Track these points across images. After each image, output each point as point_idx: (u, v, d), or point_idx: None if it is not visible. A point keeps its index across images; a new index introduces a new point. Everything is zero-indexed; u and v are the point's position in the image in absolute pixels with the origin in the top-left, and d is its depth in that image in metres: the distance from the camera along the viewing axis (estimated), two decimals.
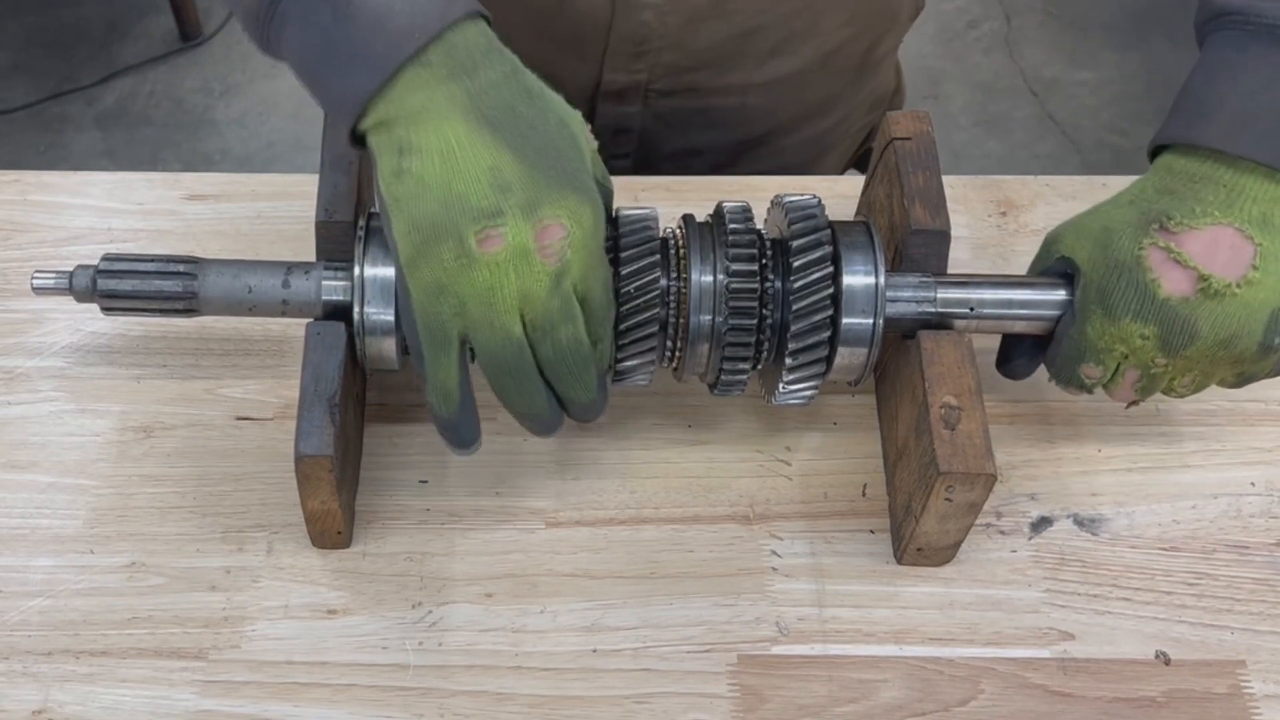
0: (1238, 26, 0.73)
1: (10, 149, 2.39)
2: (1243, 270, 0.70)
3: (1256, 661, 0.75)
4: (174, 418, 0.82)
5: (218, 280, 0.75)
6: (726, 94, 1.02)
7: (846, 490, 0.81)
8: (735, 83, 1.01)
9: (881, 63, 1.09)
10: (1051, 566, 0.78)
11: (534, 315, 0.66)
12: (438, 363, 0.67)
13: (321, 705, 0.72)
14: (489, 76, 0.66)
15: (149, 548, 0.77)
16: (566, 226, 0.65)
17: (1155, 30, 2.63)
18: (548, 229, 0.65)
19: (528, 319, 0.66)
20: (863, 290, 0.73)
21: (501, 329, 0.66)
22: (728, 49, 0.98)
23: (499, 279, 0.64)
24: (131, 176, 0.94)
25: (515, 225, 0.64)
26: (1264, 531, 0.79)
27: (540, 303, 0.65)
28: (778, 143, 1.07)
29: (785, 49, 1.00)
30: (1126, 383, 0.74)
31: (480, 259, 0.64)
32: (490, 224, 0.64)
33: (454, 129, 0.65)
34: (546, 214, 0.65)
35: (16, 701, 0.71)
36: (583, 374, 0.69)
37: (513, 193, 0.64)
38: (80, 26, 2.58)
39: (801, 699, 0.73)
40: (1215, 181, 0.71)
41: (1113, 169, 1.96)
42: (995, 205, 0.94)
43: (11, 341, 0.85)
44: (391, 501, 0.79)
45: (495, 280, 0.64)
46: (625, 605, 0.76)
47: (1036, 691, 0.73)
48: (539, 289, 0.65)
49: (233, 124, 2.45)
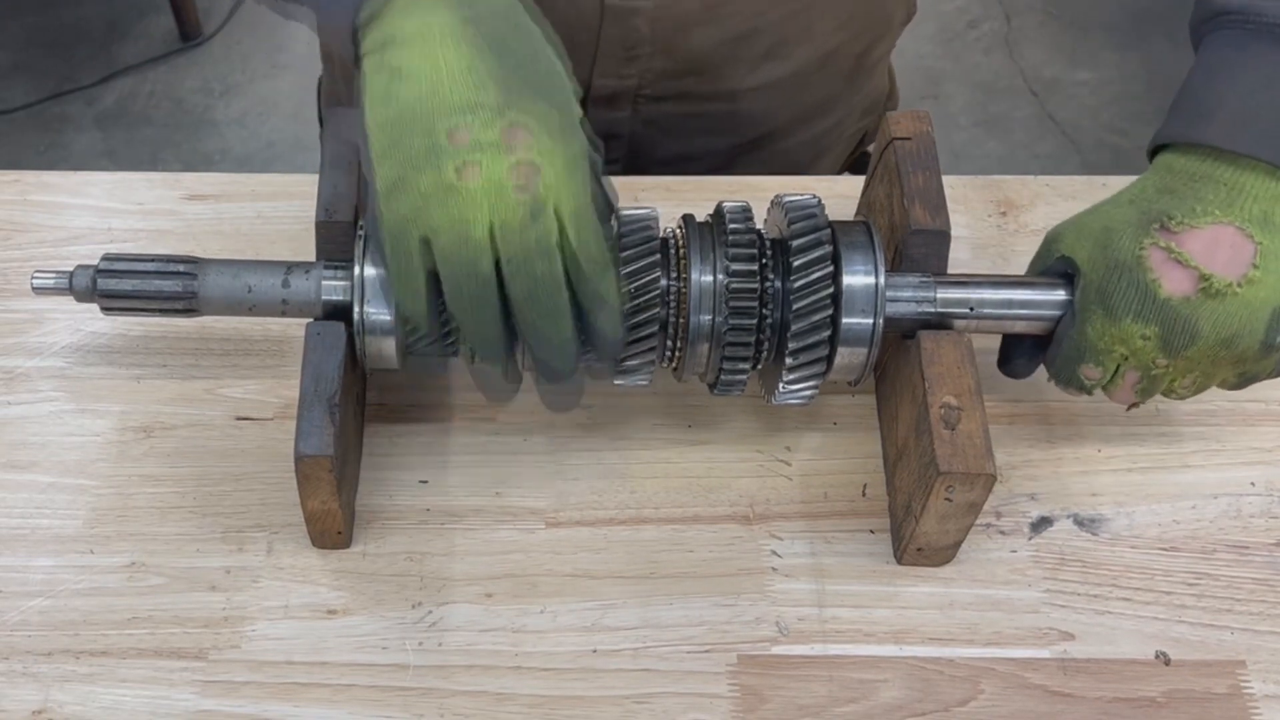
0: (1237, 26, 0.73)
1: (10, 149, 2.39)
2: (1243, 269, 0.70)
3: (1256, 661, 0.75)
4: (174, 418, 0.82)
5: (218, 280, 0.75)
6: (718, 99, 1.01)
7: (846, 490, 0.81)
8: (727, 88, 1.01)
9: (875, 67, 1.08)
10: (1051, 566, 0.78)
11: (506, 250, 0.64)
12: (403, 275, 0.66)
13: (321, 705, 0.72)
14: (488, 5, 0.67)
15: (149, 548, 0.77)
16: (533, 132, 0.64)
17: (1155, 30, 2.63)
18: (515, 131, 0.64)
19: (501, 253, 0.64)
20: (863, 290, 0.73)
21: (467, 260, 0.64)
22: (720, 54, 0.98)
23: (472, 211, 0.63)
24: (131, 176, 0.94)
25: (489, 159, 0.63)
26: (1264, 531, 0.79)
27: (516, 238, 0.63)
28: (770, 148, 1.07)
29: (778, 54, 1.00)
30: (1126, 384, 0.74)
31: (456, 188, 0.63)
32: (470, 157, 0.63)
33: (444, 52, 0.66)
34: (524, 150, 0.64)
35: (16, 701, 0.71)
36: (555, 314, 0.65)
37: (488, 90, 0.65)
38: (80, 26, 2.58)
39: (801, 699, 0.73)
40: (1215, 180, 0.71)
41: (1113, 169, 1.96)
42: (995, 205, 0.94)
43: (11, 341, 0.85)
44: (391, 501, 0.79)
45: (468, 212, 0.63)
46: (625, 605, 0.76)
47: (1036, 691, 0.73)
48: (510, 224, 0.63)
49: (233, 124, 2.46)
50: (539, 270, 0.64)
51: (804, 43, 1.00)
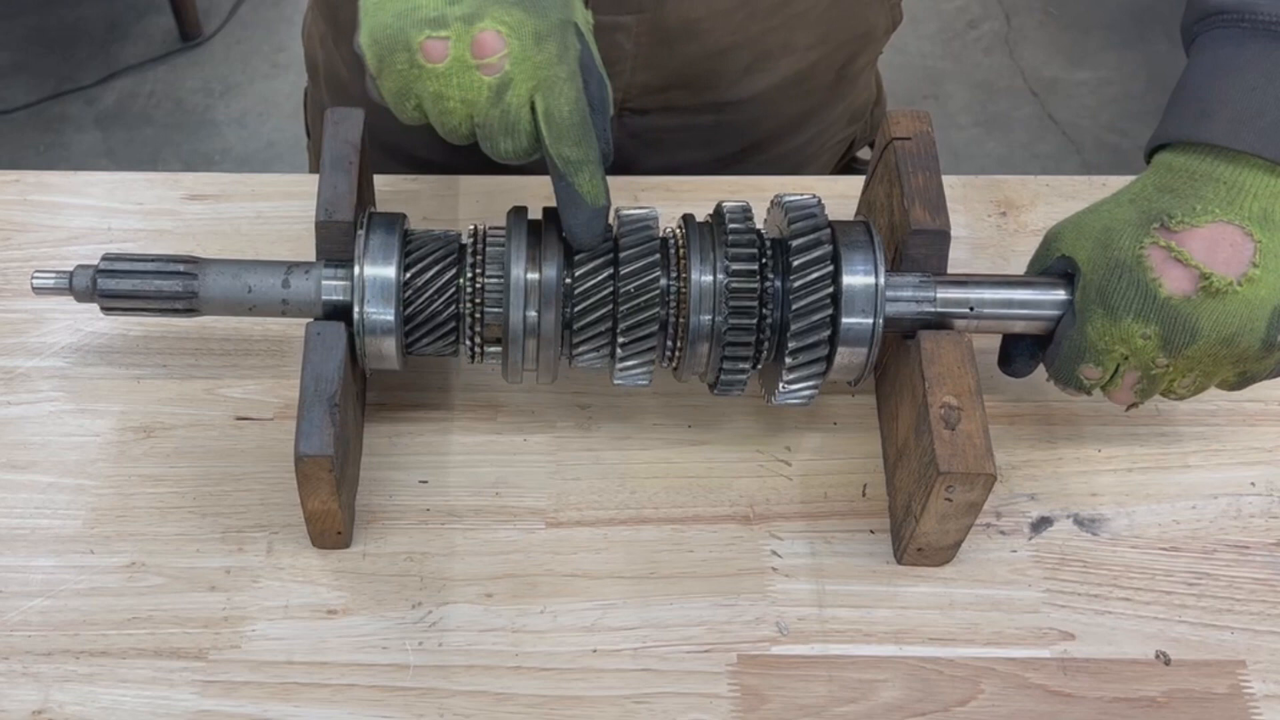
0: (1233, 25, 0.73)
1: (10, 149, 2.39)
2: (1243, 268, 0.70)
3: (1256, 661, 0.75)
4: (174, 418, 0.82)
5: (218, 280, 0.75)
6: (703, 112, 1.02)
7: (846, 490, 0.81)
8: (710, 101, 1.01)
9: (859, 76, 1.09)
10: (1051, 566, 0.78)
11: (478, 123, 0.69)
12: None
13: (321, 705, 0.72)
14: None
15: (149, 548, 0.77)
16: (505, 38, 0.67)
17: (1155, 30, 2.63)
18: (482, 39, 0.67)
19: (475, 125, 0.70)
20: (863, 290, 0.73)
21: (452, 127, 0.70)
22: (702, 68, 0.98)
23: (444, 87, 0.68)
24: (131, 176, 0.94)
25: (457, 34, 0.67)
26: (1264, 531, 0.79)
27: (482, 112, 0.68)
28: (756, 158, 1.07)
29: (759, 67, 1.00)
30: (1126, 384, 0.74)
31: (426, 69, 0.68)
32: (434, 33, 0.67)
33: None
34: (487, 24, 0.67)
35: (16, 701, 0.71)
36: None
37: (460, 4, 0.67)
38: (80, 26, 2.58)
39: (801, 699, 0.73)
40: (1215, 178, 0.71)
41: (1113, 169, 1.96)
42: (995, 205, 0.94)
43: (11, 341, 0.85)
44: (391, 501, 0.79)
45: (441, 89, 0.68)
46: (625, 605, 0.76)
47: (1036, 691, 0.73)
48: (480, 99, 0.68)
49: (233, 124, 2.45)
50: (504, 147, 0.70)
51: (784, 56, 1.00)
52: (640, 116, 1.01)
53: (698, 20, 0.94)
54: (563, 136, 0.69)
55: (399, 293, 0.73)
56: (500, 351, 0.74)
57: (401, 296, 0.73)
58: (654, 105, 1.00)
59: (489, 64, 0.67)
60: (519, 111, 0.68)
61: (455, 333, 0.74)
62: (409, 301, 0.73)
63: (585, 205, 0.70)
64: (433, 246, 0.74)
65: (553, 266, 0.72)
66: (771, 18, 0.96)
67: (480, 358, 0.75)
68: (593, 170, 0.70)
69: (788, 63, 1.01)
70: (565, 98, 0.68)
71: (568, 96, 0.68)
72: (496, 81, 0.68)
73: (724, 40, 0.97)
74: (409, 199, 0.92)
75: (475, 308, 0.73)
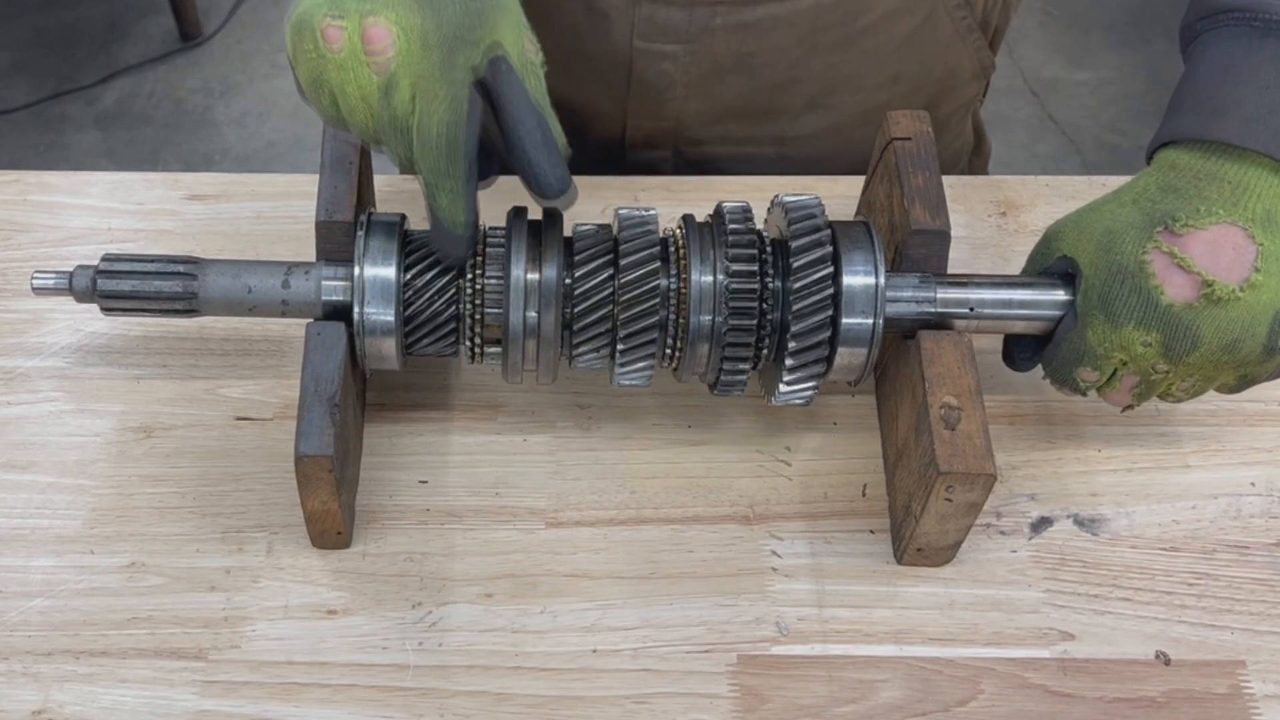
0: (1242, 23, 0.73)
1: (10, 149, 2.39)
2: (1245, 273, 0.70)
3: (1256, 661, 0.75)
4: (174, 418, 0.82)
5: (218, 280, 0.75)
6: (761, 144, 1.01)
7: (846, 490, 0.81)
8: (770, 134, 1.00)
9: (947, 121, 1.06)
10: (1051, 566, 0.78)
11: (377, 123, 0.68)
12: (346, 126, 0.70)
13: (321, 705, 0.72)
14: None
15: (149, 548, 0.77)
16: (393, 36, 0.67)
17: (1155, 30, 2.63)
18: (370, 32, 0.66)
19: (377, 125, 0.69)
20: (863, 290, 0.73)
21: (360, 126, 0.69)
22: (758, 102, 0.97)
23: (344, 79, 0.67)
24: (131, 176, 0.94)
25: (353, 23, 0.67)
26: (1264, 531, 0.79)
27: (376, 111, 0.68)
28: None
29: (823, 103, 0.98)
30: (1124, 387, 0.74)
31: (329, 57, 0.67)
32: (334, 20, 0.66)
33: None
34: (379, 18, 0.66)
35: (16, 701, 0.71)
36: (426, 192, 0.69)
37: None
38: (80, 26, 2.58)
39: (801, 699, 0.73)
40: (1220, 178, 0.71)
41: (1113, 169, 1.96)
42: (995, 205, 0.94)
43: (11, 341, 0.85)
44: (391, 501, 0.79)
45: (342, 80, 0.68)
46: (625, 605, 0.76)
47: (1036, 691, 0.73)
48: (370, 95, 0.68)
49: (233, 124, 2.45)
50: (393, 149, 0.69)
51: (851, 93, 0.98)
52: (697, 145, 1.00)
53: (750, 54, 0.94)
54: (425, 152, 0.68)
55: (399, 293, 0.73)
56: (500, 352, 0.74)
57: (401, 297, 0.73)
58: (709, 136, 1.00)
59: (376, 61, 0.67)
60: (405, 116, 0.68)
61: (455, 333, 0.74)
62: (409, 302, 0.73)
63: (441, 225, 0.70)
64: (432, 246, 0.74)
65: (553, 267, 0.72)
66: (833, 54, 0.95)
67: (480, 358, 0.75)
68: (452, 191, 0.68)
69: (855, 100, 0.99)
70: (436, 113, 0.67)
71: (438, 113, 0.67)
72: (383, 81, 0.67)
73: (780, 75, 0.96)
74: (409, 199, 0.92)
75: (475, 308, 0.73)
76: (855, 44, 0.95)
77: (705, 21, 0.92)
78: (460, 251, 0.71)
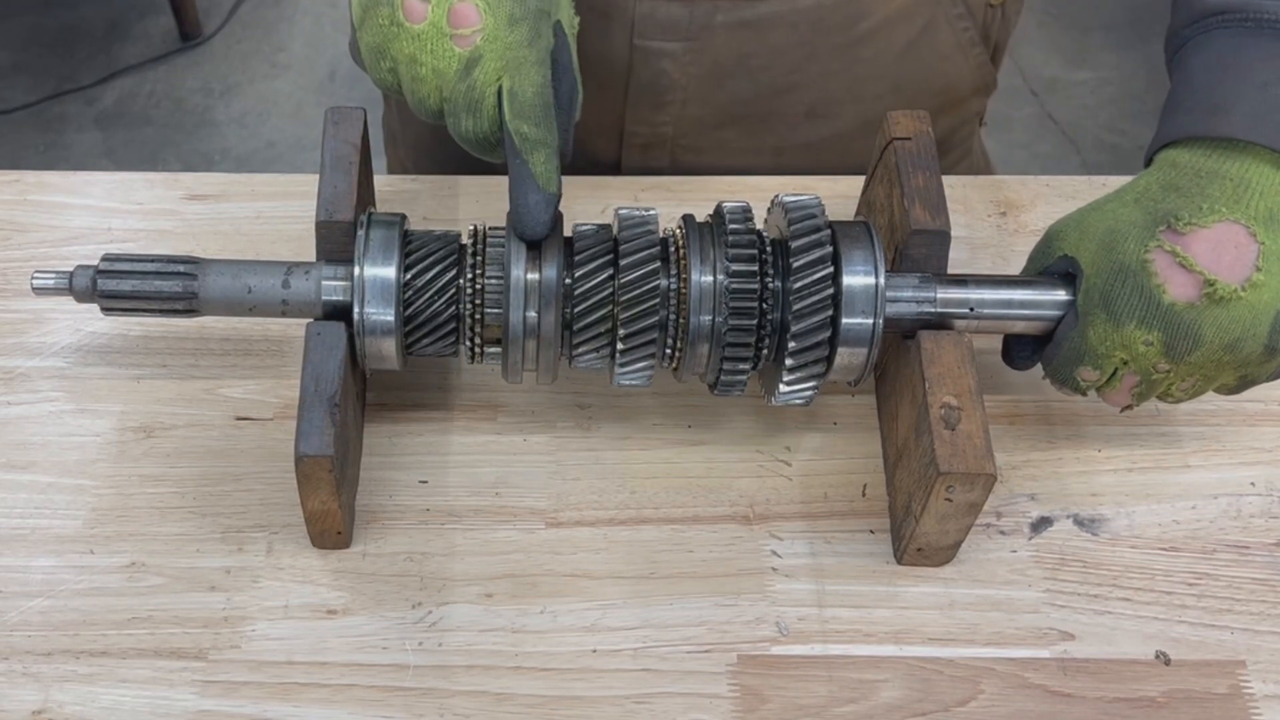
0: (1235, 25, 0.73)
1: (10, 149, 2.39)
2: (1247, 272, 0.70)
3: (1256, 661, 0.75)
4: (174, 418, 0.82)
5: (218, 280, 0.75)
6: (759, 154, 1.00)
7: (846, 490, 0.81)
8: (769, 144, 1.00)
9: (949, 138, 1.05)
10: (1051, 566, 0.78)
11: (446, 97, 0.71)
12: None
13: (321, 705, 0.72)
14: None
15: (149, 548, 0.77)
16: (481, 14, 0.69)
17: (1155, 30, 2.61)
18: (460, 9, 0.69)
19: (444, 100, 0.71)
20: (863, 290, 0.73)
21: (421, 98, 0.71)
22: (757, 108, 0.97)
23: (418, 51, 0.69)
24: (131, 176, 0.94)
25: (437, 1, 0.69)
26: (1264, 531, 0.79)
27: (450, 85, 0.70)
28: None
29: (822, 112, 0.98)
30: (1124, 387, 0.74)
31: (405, 28, 0.69)
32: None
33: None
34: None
35: (16, 701, 0.71)
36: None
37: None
38: (80, 26, 2.58)
39: (801, 699, 0.73)
40: (1222, 176, 0.71)
41: (1112, 169, 1.97)
42: (995, 205, 0.94)
43: (11, 341, 0.85)
44: (391, 501, 0.79)
45: (415, 52, 0.69)
46: (625, 605, 0.76)
47: (1036, 691, 0.73)
48: (449, 70, 0.70)
49: (233, 124, 2.45)
50: (465, 125, 0.71)
51: (850, 104, 0.98)
52: (693, 153, 1.00)
53: (750, 55, 0.93)
54: (524, 114, 0.69)
55: (399, 293, 0.73)
56: (500, 352, 0.75)
57: (401, 297, 0.73)
58: (707, 143, 0.99)
59: (462, 35, 0.69)
60: (484, 90, 0.69)
61: (455, 333, 0.75)
62: (409, 302, 0.73)
63: (536, 187, 0.70)
64: (433, 247, 0.74)
65: (553, 267, 0.72)
66: (833, 61, 0.95)
67: (480, 358, 0.75)
68: (549, 153, 0.70)
69: (854, 110, 0.98)
70: (530, 80, 0.69)
71: (533, 79, 0.69)
72: (467, 55, 0.69)
73: (780, 79, 0.95)
74: (409, 199, 0.92)
75: (475, 308, 0.73)
76: (855, 50, 0.95)
77: (707, 18, 0.92)
78: (548, 217, 0.71)
